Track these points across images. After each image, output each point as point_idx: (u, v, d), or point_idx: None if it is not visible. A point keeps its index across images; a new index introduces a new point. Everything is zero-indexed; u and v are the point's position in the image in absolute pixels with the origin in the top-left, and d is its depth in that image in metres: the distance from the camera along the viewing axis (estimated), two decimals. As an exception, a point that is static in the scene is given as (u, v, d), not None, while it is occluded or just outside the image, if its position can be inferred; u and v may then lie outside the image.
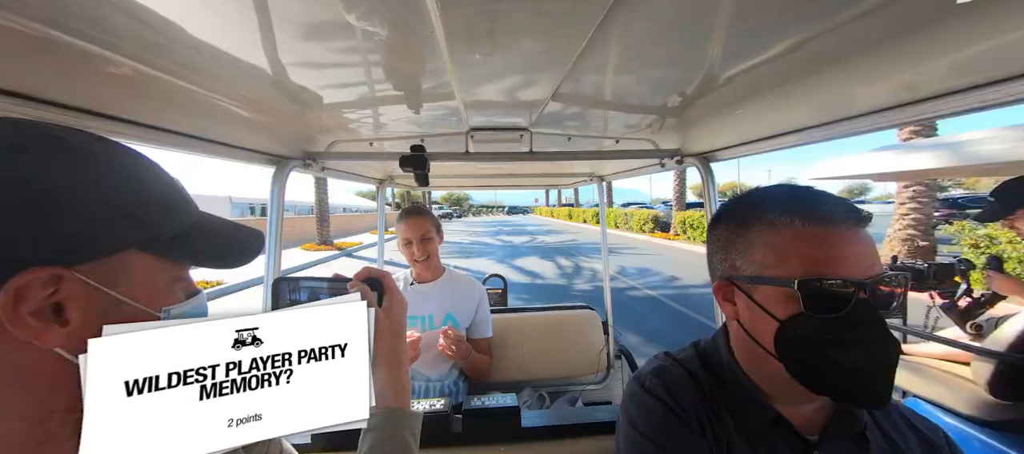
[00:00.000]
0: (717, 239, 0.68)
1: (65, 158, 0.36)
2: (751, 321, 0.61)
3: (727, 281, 0.65)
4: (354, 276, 0.62)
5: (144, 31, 0.51)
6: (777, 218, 0.58)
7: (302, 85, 0.73)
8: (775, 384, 0.62)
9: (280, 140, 1.08)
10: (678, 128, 1.12)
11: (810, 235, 0.56)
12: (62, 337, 0.36)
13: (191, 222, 0.45)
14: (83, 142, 0.39)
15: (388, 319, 0.60)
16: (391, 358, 0.60)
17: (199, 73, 0.64)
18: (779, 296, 0.57)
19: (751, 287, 0.61)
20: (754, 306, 0.60)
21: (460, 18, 0.50)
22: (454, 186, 3.11)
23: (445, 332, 1.51)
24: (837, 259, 0.54)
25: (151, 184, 0.42)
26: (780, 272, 0.56)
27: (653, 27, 0.55)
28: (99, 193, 0.37)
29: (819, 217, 0.55)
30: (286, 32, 0.53)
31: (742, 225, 0.63)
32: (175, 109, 0.74)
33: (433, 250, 1.66)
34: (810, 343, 0.54)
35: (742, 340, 0.64)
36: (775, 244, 0.58)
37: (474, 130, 1.13)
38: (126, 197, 0.39)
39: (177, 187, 0.45)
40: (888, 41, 0.54)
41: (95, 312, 0.38)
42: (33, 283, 0.34)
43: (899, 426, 0.66)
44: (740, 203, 0.67)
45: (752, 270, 0.60)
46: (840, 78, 0.67)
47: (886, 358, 0.53)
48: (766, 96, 0.79)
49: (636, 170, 1.93)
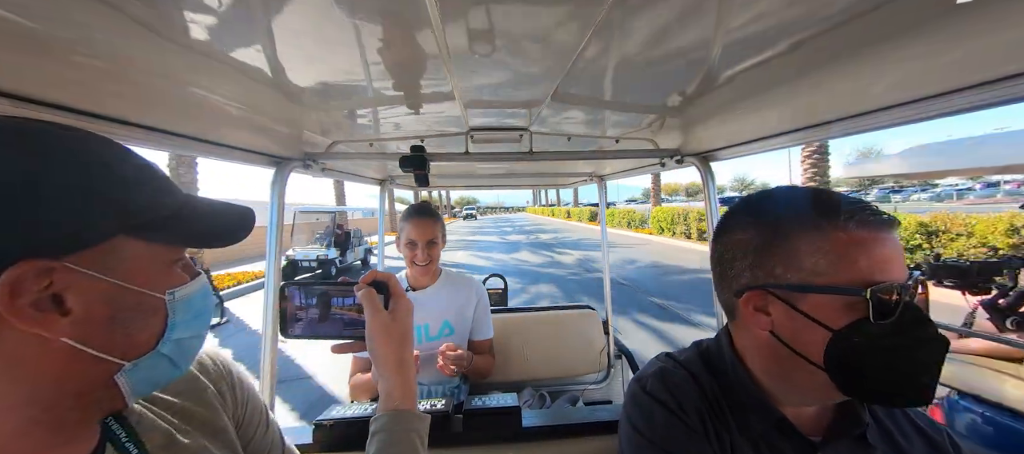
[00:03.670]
0: (741, 244, 0.62)
1: (41, 151, 0.37)
2: (793, 331, 0.57)
3: (761, 290, 0.59)
4: (360, 279, 0.62)
5: (144, 33, 0.51)
6: (824, 222, 0.55)
7: (301, 86, 0.73)
8: (799, 391, 0.60)
9: (280, 141, 1.07)
10: (678, 128, 1.12)
11: (863, 239, 0.53)
12: (67, 326, 0.37)
13: (178, 204, 0.46)
14: (57, 135, 0.39)
15: (395, 322, 0.61)
16: (398, 360, 0.60)
17: (198, 74, 0.64)
18: (835, 304, 0.53)
19: (797, 296, 0.56)
20: (799, 316, 0.55)
21: (460, 18, 0.50)
22: (453, 186, 3.11)
23: (443, 353, 1.44)
24: (889, 263, 0.52)
25: (132, 170, 0.42)
26: (837, 279, 0.53)
27: (652, 26, 0.55)
28: (80, 183, 0.38)
29: (868, 221, 0.53)
30: (285, 33, 0.53)
31: (779, 229, 0.58)
32: (174, 111, 0.74)
33: (436, 256, 1.61)
34: (871, 350, 0.52)
35: (772, 350, 0.60)
36: (827, 250, 0.54)
37: (474, 130, 1.13)
38: (107, 184, 0.40)
39: (158, 172, 0.45)
40: (888, 40, 0.54)
41: (97, 300, 0.39)
42: (25, 275, 0.34)
43: (903, 427, 0.66)
44: (768, 204, 0.62)
45: (800, 278, 0.55)
46: (840, 77, 0.66)
47: (939, 356, 0.52)
48: (766, 95, 0.79)
49: (636, 170, 1.93)
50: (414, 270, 1.62)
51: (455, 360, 1.45)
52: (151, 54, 0.56)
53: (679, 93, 0.83)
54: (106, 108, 0.65)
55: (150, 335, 0.43)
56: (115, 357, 0.41)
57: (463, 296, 1.67)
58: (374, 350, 0.60)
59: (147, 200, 0.43)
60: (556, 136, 1.23)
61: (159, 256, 0.44)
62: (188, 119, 0.79)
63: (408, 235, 1.57)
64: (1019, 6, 0.44)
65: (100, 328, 0.39)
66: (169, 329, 0.44)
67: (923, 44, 0.53)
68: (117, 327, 0.41)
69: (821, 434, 0.63)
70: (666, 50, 0.62)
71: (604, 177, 2.34)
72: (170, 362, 0.46)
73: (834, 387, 0.54)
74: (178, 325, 0.45)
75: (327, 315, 0.63)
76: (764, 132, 1.00)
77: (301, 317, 0.63)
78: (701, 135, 1.15)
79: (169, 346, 0.45)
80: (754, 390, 0.64)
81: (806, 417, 0.64)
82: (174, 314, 0.45)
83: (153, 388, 0.47)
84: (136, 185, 0.42)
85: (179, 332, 0.45)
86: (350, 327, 0.63)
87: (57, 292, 0.36)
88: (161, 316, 0.44)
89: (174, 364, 0.46)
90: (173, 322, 0.45)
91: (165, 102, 0.70)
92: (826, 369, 0.54)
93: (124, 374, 0.42)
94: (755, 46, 0.59)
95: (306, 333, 0.63)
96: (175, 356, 0.46)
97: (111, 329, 0.40)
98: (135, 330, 0.42)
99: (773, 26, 0.53)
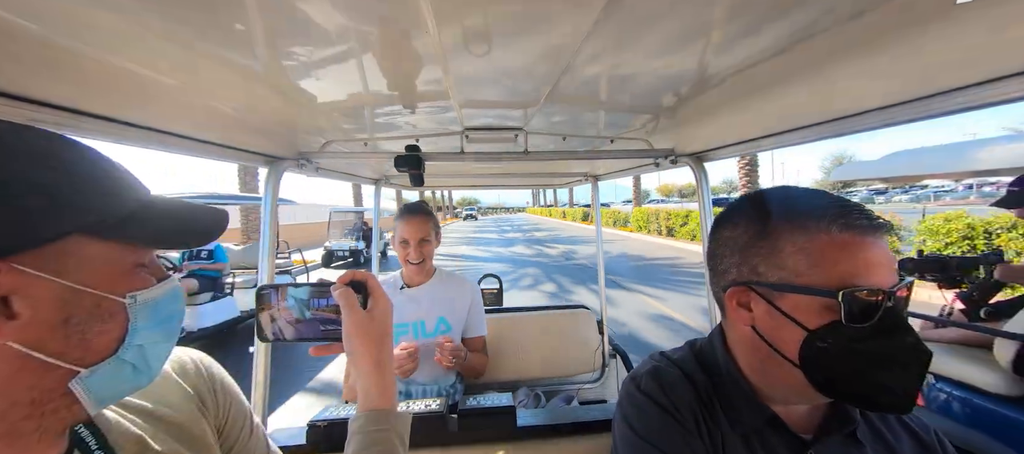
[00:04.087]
0: (730, 240, 0.64)
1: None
2: (772, 329, 0.58)
3: (744, 287, 0.61)
4: (338, 280, 0.62)
5: (135, 30, 0.50)
6: (810, 223, 0.55)
7: (295, 85, 0.73)
8: (782, 388, 0.61)
9: (273, 140, 1.07)
10: (672, 128, 1.12)
11: (846, 243, 0.54)
12: (14, 331, 0.35)
13: (139, 204, 0.44)
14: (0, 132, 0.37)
15: (373, 321, 0.60)
16: (376, 360, 0.59)
17: (190, 72, 0.63)
18: (812, 305, 0.54)
19: (777, 295, 0.57)
20: (777, 314, 0.57)
21: (455, 18, 0.50)
22: (448, 186, 3.11)
23: (441, 346, 1.48)
24: (873, 268, 0.52)
25: (85, 167, 0.40)
26: (814, 280, 0.54)
27: (647, 27, 0.55)
28: (26, 180, 0.36)
29: (854, 224, 0.54)
30: (279, 31, 0.53)
31: (766, 227, 0.59)
32: (166, 109, 0.74)
33: (429, 253, 1.62)
34: (843, 353, 0.52)
35: (753, 345, 0.62)
36: (808, 250, 0.55)
37: (469, 130, 1.13)
38: (57, 181, 0.37)
39: (117, 169, 0.43)
40: (882, 40, 0.54)
41: (49, 302, 0.37)
42: None
43: (891, 425, 0.67)
44: (760, 203, 0.63)
45: (780, 276, 0.57)
46: (834, 77, 0.67)
47: (916, 364, 0.52)
48: (760, 96, 0.80)
49: (630, 170, 1.94)
50: (409, 268, 1.63)
51: (453, 352, 1.47)
52: (143, 53, 0.55)
53: (673, 94, 0.83)
54: (96, 106, 0.64)
55: (109, 340, 0.41)
56: (69, 363, 0.38)
57: (457, 293, 1.68)
58: (351, 350, 0.59)
59: (104, 197, 0.40)
60: (551, 136, 1.23)
61: (120, 257, 0.42)
62: (180, 118, 0.79)
63: (401, 234, 1.59)
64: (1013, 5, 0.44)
65: (52, 333, 0.37)
66: (130, 334, 0.42)
67: (915, 46, 0.54)
68: (72, 331, 0.38)
69: (812, 432, 0.64)
70: (660, 51, 0.63)
71: (599, 177, 2.35)
72: (133, 369, 0.43)
73: (811, 386, 0.55)
74: (140, 330, 0.43)
75: (304, 317, 0.62)
76: (757, 133, 1.01)
77: (278, 319, 0.62)
78: (695, 135, 1.15)
79: (131, 352, 0.43)
80: (746, 387, 0.64)
81: (797, 415, 0.64)
82: (136, 318, 0.42)
83: (118, 396, 0.45)
84: (90, 181, 0.40)
85: (142, 337, 0.43)
86: (328, 328, 0.62)
87: (2, 294, 0.35)
88: (121, 320, 0.42)
89: (138, 371, 0.44)
90: (134, 327, 0.42)
91: (156, 100, 0.70)
92: (801, 367, 0.55)
93: (80, 381, 0.39)
94: (749, 46, 0.60)
95: (284, 336, 0.62)
96: (139, 363, 0.43)
97: (65, 334, 0.38)
98: (92, 335, 0.40)
99: (767, 26, 0.54)
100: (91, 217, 0.39)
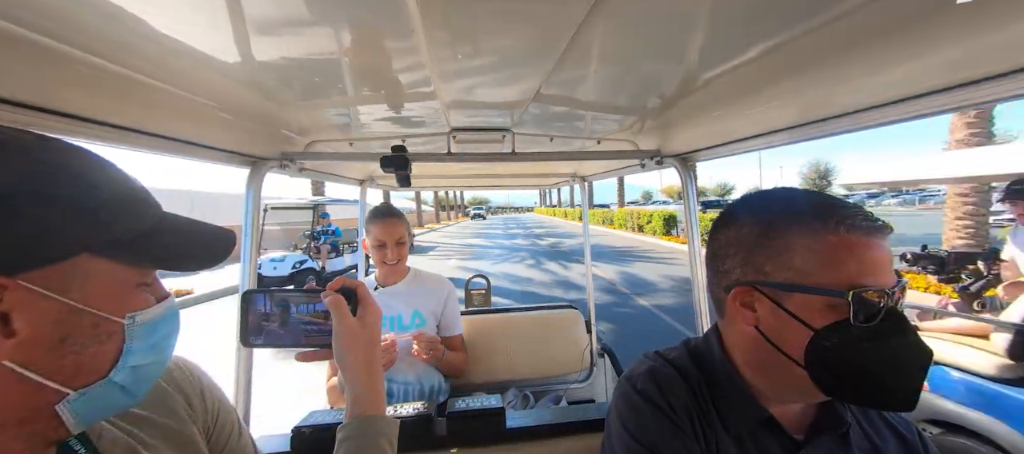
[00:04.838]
0: (733, 241, 0.64)
1: (2, 160, 0.34)
2: (776, 329, 0.58)
3: (748, 287, 0.61)
4: (328, 286, 0.61)
5: (111, 28, 0.48)
6: (817, 224, 0.56)
7: (278, 83, 0.71)
8: (782, 388, 0.62)
9: (255, 140, 1.04)
10: (658, 129, 1.13)
11: (854, 243, 0.54)
12: (9, 349, 0.34)
13: (151, 223, 0.43)
14: (24, 143, 0.36)
15: (363, 328, 0.60)
16: (366, 366, 0.59)
17: (169, 71, 0.61)
18: (819, 304, 0.55)
19: (783, 295, 0.58)
20: (783, 314, 0.57)
21: (441, 17, 0.49)
22: (435, 186, 3.09)
23: (417, 338, 1.50)
24: (878, 267, 0.54)
25: (103, 183, 0.40)
26: (823, 280, 0.54)
27: (634, 29, 0.55)
28: (45, 195, 0.35)
29: (859, 225, 0.54)
30: (260, 29, 0.51)
31: (772, 228, 0.60)
32: (144, 108, 0.71)
33: (404, 254, 1.65)
34: (850, 352, 0.53)
35: (755, 345, 0.62)
36: (817, 250, 0.55)
37: (456, 130, 1.12)
38: (75, 198, 0.37)
39: (132, 185, 0.42)
40: (867, 42, 0.55)
41: (48, 321, 0.36)
42: None
43: (877, 426, 0.68)
44: (763, 203, 0.63)
45: (787, 276, 0.57)
46: (820, 79, 0.68)
47: (919, 363, 0.53)
48: (746, 97, 0.81)
49: (617, 171, 1.95)
50: (384, 269, 1.66)
51: (429, 343, 1.51)
52: (119, 51, 0.53)
53: (659, 95, 0.84)
54: (71, 106, 0.62)
55: (102, 361, 0.40)
56: (59, 383, 0.37)
57: (432, 292, 1.72)
58: (342, 357, 0.59)
59: (118, 215, 0.39)
60: (538, 137, 1.23)
61: (125, 277, 0.41)
62: (159, 118, 0.76)
63: (377, 236, 1.60)
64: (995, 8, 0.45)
65: (47, 352, 0.36)
66: (124, 355, 0.41)
67: (902, 48, 0.55)
68: (67, 351, 0.37)
69: (805, 432, 0.64)
70: (647, 52, 0.63)
71: (586, 178, 2.36)
72: (123, 391, 0.42)
73: (815, 386, 0.56)
74: (135, 351, 0.42)
75: (290, 323, 0.61)
76: (742, 134, 1.02)
77: (263, 325, 0.61)
78: (680, 137, 1.16)
79: (123, 374, 0.41)
80: (742, 387, 0.65)
81: (791, 415, 0.65)
82: (132, 339, 0.41)
83: (102, 417, 0.44)
84: (109, 199, 0.39)
85: (136, 359, 0.42)
86: (314, 335, 0.61)
87: (4, 311, 0.34)
88: (117, 341, 0.41)
89: (128, 393, 0.43)
90: (129, 348, 0.41)
91: (134, 100, 0.67)
92: (806, 367, 0.56)
93: (67, 404, 0.38)
94: (735, 48, 0.60)
95: (268, 342, 0.61)
96: (129, 384, 0.42)
97: (60, 354, 0.37)
98: (87, 355, 0.39)
99: (753, 28, 0.54)
100: (103, 236, 0.38)
